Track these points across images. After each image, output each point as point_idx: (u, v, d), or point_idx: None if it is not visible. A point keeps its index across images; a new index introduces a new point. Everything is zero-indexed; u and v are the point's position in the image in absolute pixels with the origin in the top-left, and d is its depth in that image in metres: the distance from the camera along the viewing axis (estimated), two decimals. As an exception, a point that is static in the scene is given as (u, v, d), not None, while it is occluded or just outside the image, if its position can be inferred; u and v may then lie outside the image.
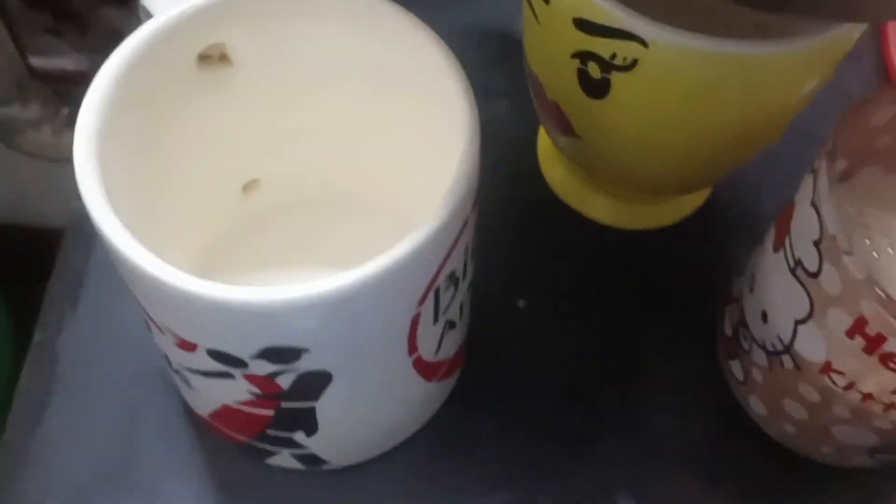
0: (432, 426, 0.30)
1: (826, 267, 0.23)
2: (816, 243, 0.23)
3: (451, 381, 0.29)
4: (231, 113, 0.27)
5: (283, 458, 0.28)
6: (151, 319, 0.22)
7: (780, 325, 0.26)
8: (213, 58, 0.25)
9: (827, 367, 0.24)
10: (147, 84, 0.24)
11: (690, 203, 0.34)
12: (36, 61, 0.56)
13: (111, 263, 0.32)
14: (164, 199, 0.26)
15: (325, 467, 0.28)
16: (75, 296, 0.32)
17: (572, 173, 0.34)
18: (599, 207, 0.34)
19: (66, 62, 0.57)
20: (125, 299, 0.31)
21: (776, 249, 0.26)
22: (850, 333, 0.23)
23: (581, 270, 0.33)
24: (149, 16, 0.25)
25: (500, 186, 0.35)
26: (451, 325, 0.26)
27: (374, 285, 0.19)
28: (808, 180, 0.24)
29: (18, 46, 0.52)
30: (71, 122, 0.60)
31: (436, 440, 0.30)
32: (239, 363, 0.22)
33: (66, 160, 0.23)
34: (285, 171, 0.30)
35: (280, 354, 0.21)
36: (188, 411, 0.30)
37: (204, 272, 0.23)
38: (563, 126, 0.28)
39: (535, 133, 0.36)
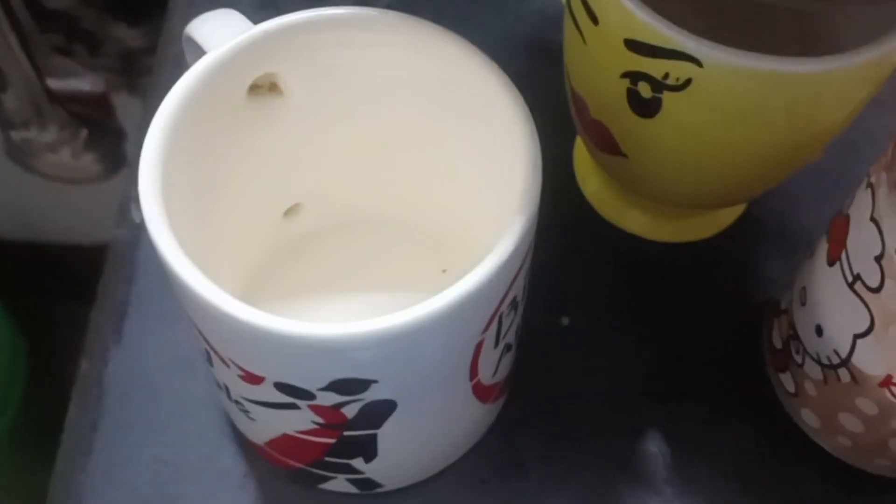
0: (481, 446, 0.30)
1: (888, 282, 0.23)
2: (878, 259, 0.23)
3: (500, 402, 0.29)
4: (278, 138, 0.27)
5: (338, 484, 0.28)
6: (215, 352, 0.22)
7: (837, 340, 0.26)
8: (263, 87, 0.25)
9: (887, 381, 0.24)
10: (201, 116, 0.24)
11: (728, 216, 0.34)
12: (52, 83, 0.55)
13: (155, 292, 0.33)
14: (213, 226, 0.26)
15: (378, 490, 0.28)
16: (119, 325, 0.32)
17: (609, 187, 0.34)
18: (637, 221, 0.34)
19: (82, 83, 0.56)
20: (169, 329, 0.32)
21: (831, 264, 0.26)
22: (912, 348, 0.23)
23: (621, 285, 0.33)
24: (199, 50, 0.25)
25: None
26: (508, 348, 0.26)
27: (449, 316, 0.20)
28: (864, 195, 0.24)
29: (35, 68, 0.52)
30: (90, 144, 0.60)
31: (484, 460, 0.30)
32: (306, 395, 0.22)
33: (85, 181, 0.23)
34: (328, 195, 0.30)
35: (349, 386, 0.21)
36: (238, 438, 0.30)
37: (249, 297, 0.23)
38: (608, 145, 0.28)
39: (570, 146, 0.36)
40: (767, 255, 0.34)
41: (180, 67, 0.38)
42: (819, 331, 0.26)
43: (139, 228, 0.34)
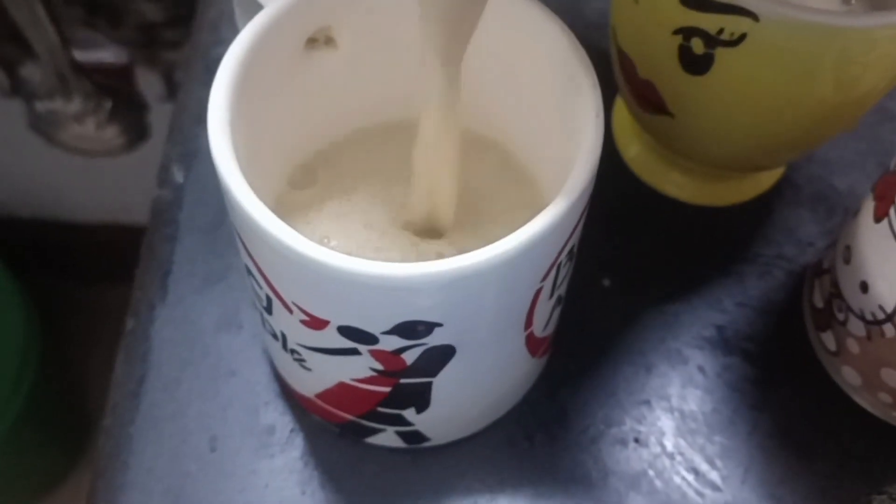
0: (525, 403, 0.30)
1: (941, 234, 0.23)
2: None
3: (545, 358, 0.30)
4: (332, 90, 0.27)
5: (386, 437, 0.28)
6: (279, 297, 0.23)
7: (883, 295, 0.26)
8: (319, 41, 0.26)
9: (934, 334, 0.25)
10: (261, 67, 0.24)
11: (766, 180, 0.34)
12: (77, 54, 0.56)
13: (198, 252, 0.33)
14: (265, 173, 0.26)
15: (425, 445, 0.29)
16: (164, 284, 0.32)
17: (649, 150, 0.34)
18: (676, 184, 0.34)
19: (106, 55, 0.57)
20: (213, 287, 0.32)
21: (878, 220, 0.26)
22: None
23: (660, 247, 0.34)
24: (255, 5, 0.25)
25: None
26: (560, 300, 0.26)
27: (520, 257, 0.20)
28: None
29: (63, 39, 0.52)
30: (114, 115, 0.60)
31: (528, 417, 0.30)
32: (370, 339, 0.22)
33: (108, 154, 0.23)
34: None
35: (413, 330, 0.22)
36: (285, 394, 0.30)
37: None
38: (655, 104, 0.29)
39: (608, 111, 0.36)
40: (804, 219, 0.34)
41: (218, 31, 0.38)
42: (864, 287, 0.27)
43: (182, 189, 0.34)
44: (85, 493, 0.30)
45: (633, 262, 0.33)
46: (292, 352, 0.25)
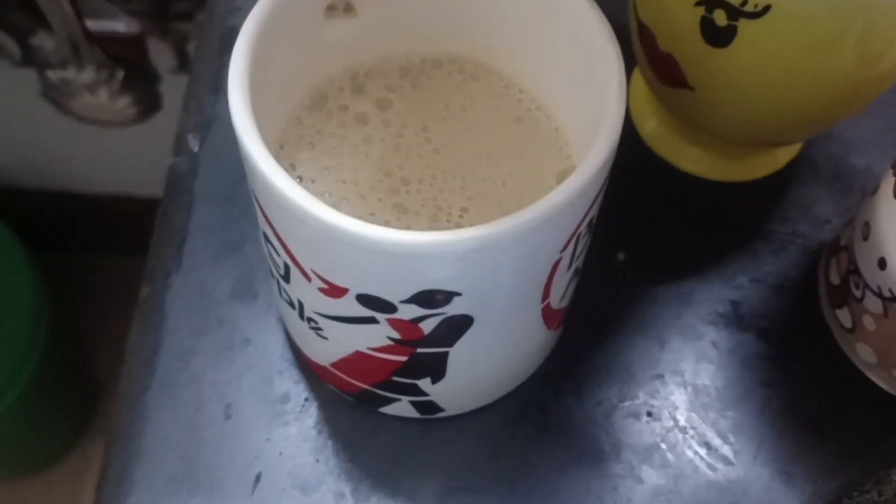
0: (538, 375, 0.30)
1: (963, 210, 0.23)
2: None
3: (559, 331, 0.30)
4: (350, 59, 0.27)
5: (401, 407, 0.28)
6: (297, 265, 0.23)
7: (901, 271, 0.26)
8: (338, 9, 0.25)
9: (953, 311, 0.25)
10: (280, 35, 0.24)
11: (784, 155, 0.34)
12: (89, 24, 0.55)
13: (213, 221, 0.33)
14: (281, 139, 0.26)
15: (439, 415, 0.29)
16: (179, 253, 0.32)
17: (665, 125, 0.34)
18: (693, 160, 0.34)
19: (119, 25, 0.56)
20: (227, 256, 0.32)
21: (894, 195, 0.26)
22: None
23: (676, 222, 0.34)
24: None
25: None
26: (577, 272, 0.26)
27: (542, 226, 0.20)
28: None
29: (76, 8, 0.52)
30: (126, 85, 0.60)
31: (542, 390, 0.30)
32: (388, 308, 0.22)
33: (119, 125, 0.23)
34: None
35: (432, 298, 0.22)
36: (300, 364, 0.30)
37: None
38: (675, 78, 0.29)
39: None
40: (820, 197, 0.34)
41: (233, 0, 0.38)
42: (882, 263, 0.27)
43: (197, 158, 0.34)
44: (93, 461, 0.30)
45: (649, 236, 0.33)
46: (309, 320, 0.25)
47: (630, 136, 0.35)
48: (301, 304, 0.25)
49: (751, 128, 0.30)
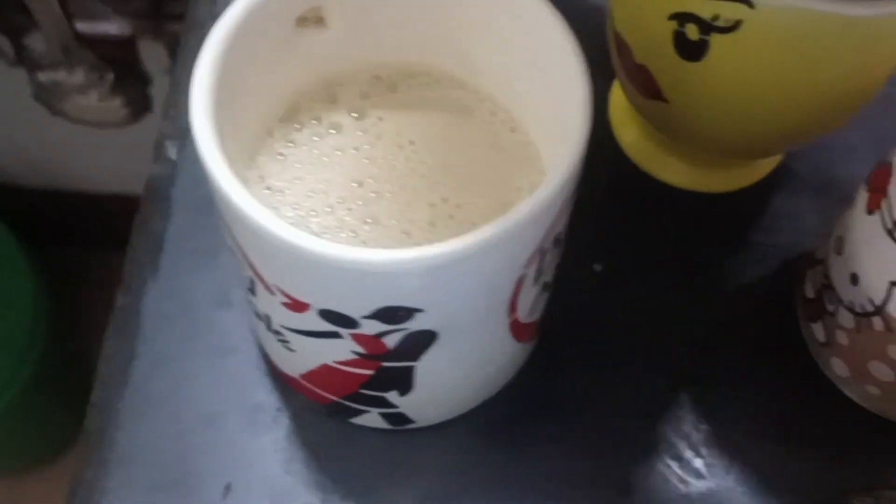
0: (512, 387, 0.30)
1: (931, 229, 0.23)
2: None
3: (533, 343, 0.30)
4: (320, 70, 0.27)
5: (371, 418, 0.28)
6: (261, 279, 0.23)
7: (873, 287, 0.26)
8: (309, 20, 0.25)
9: (922, 329, 0.25)
10: (249, 46, 0.24)
11: (764, 167, 0.34)
12: (80, 26, 0.55)
13: (191, 228, 0.33)
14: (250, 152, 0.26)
15: (410, 426, 0.29)
16: (156, 260, 0.32)
17: (645, 136, 0.34)
18: (673, 170, 0.34)
19: (110, 27, 0.56)
20: (204, 264, 0.32)
21: (870, 212, 0.26)
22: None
23: (654, 234, 0.33)
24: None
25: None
26: (546, 286, 0.26)
27: (500, 243, 0.20)
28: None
29: (66, 11, 0.52)
30: (116, 87, 0.60)
31: (515, 401, 0.30)
32: (351, 323, 0.22)
33: (110, 126, 0.23)
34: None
35: (394, 315, 0.22)
36: (273, 373, 0.30)
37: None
38: (650, 90, 0.28)
39: (605, 95, 0.36)
40: (802, 208, 0.34)
41: (215, 6, 0.38)
42: (854, 279, 0.27)
43: (175, 165, 0.34)
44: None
45: (627, 247, 0.33)
46: (276, 332, 0.25)
47: (611, 147, 0.35)
48: (268, 317, 0.25)
49: (727, 140, 0.30)
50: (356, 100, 0.27)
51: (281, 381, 0.30)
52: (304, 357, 0.26)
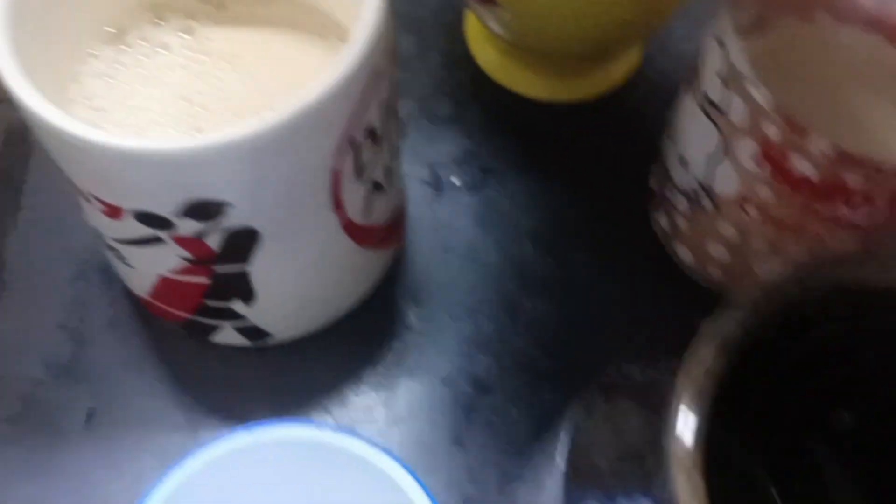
0: (374, 301, 0.30)
1: (735, 100, 0.23)
2: (721, 76, 0.24)
3: (386, 255, 0.30)
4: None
5: (228, 334, 0.28)
6: (77, 188, 0.23)
7: (695, 164, 0.26)
8: None
9: (740, 200, 0.25)
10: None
11: (620, 72, 0.34)
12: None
13: (48, 162, 0.33)
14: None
15: (269, 341, 0.29)
16: (17, 201, 0.32)
17: (502, 53, 0.34)
18: (530, 83, 0.34)
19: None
20: (65, 200, 0.32)
21: (686, 92, 0.26)
22: (759, 161, 0.24)
23: (517, 146, 0.34)
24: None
25: (432, 71, 0.35)
26: (377, 186, 0.26)
27: (285, 130, 0.20)
28: (715, 21, 0.25)
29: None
30: None
31: (377, 315, 0.31)
32: (165, 223, 0.22)
33: None
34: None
35: (204, 210, 0.22)
36: (134, 302, 0.30)
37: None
38: (481, -7, 0.29)
39: (461, 17, 0.36)
40: (660, 108, 0.34)
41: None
42: (683, 161, 0.27)
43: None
44: None
45: (483, 160, 0.33)
46: (112, 249, 0.25)
47: (469, 65, 0.35)
48: (99, 233, 0.25)
49: (564, 40, 0.30)
50: (184, 20, 0.27)
51: (141, 306, 0.30)
52: (142, 272, 0.26)
